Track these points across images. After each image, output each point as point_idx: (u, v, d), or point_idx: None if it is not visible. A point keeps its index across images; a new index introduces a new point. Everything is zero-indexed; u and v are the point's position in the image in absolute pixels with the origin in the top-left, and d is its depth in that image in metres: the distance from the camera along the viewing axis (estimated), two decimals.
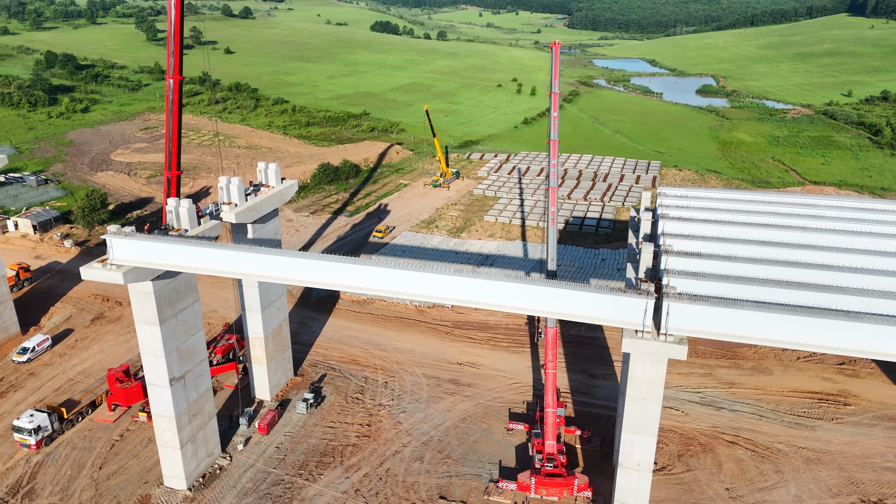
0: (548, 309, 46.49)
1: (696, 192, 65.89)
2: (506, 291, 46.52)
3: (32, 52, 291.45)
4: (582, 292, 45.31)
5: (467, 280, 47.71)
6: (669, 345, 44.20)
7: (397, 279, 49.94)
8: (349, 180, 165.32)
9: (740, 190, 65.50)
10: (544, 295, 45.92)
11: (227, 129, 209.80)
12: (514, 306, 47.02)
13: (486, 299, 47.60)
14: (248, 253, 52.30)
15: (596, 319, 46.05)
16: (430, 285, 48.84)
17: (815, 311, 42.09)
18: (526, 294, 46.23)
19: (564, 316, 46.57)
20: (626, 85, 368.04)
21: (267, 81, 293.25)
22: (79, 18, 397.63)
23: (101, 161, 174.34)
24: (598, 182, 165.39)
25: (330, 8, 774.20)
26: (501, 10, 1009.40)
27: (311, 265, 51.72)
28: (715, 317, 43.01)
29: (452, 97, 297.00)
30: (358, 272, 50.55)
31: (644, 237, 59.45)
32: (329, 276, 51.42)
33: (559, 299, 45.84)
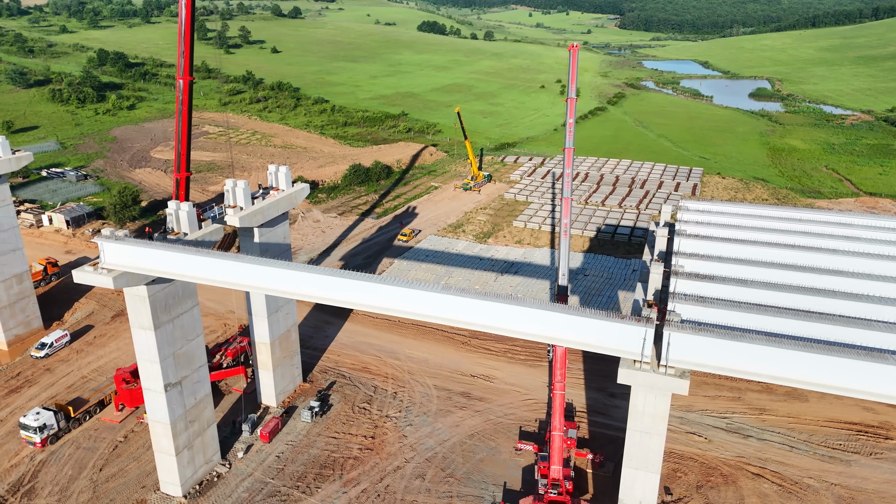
0: (537, 332, 43.18)
1: (721, 207, 61.25)
2: (490, 312, 43.45)
3: (87, 49, 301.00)
4: (575, 317, 41.85)
5: (452, 299, 44.78)
6: (669, 378, 40.35)
7: (378, 294, 47.31)
8: (380, 181, 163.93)
9: (770, 206, 60.60)
10: (533, 318, 42.66)
11: (264, 128, 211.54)
12: (501, 328, 43.90)
13: (471, 319, 44.61)
14: (235, 262, 50.59)
15: (591, 346, 42.53)
16: (413, 301, 46.05)
17: (835, 349, 37.61)
18: (512, 316, 43.06)
19: (555, 341, 43.18)
20: (675, 87, 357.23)
21: (310, 81, 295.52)
22: (134, 17, 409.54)
23: (141, 158, 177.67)
24: (634, 189, 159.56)
25: (380, 8, 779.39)
26: (552, 10, 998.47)
27: (297, 277, 49.64)
28: (720, 349, 39.00)
29: (493, 98, 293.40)
30: (340, 285, 48.17)
31: (659, 254, 55.37)
32: (315, 289, 49.21)
33: (549, 323, 42.50)
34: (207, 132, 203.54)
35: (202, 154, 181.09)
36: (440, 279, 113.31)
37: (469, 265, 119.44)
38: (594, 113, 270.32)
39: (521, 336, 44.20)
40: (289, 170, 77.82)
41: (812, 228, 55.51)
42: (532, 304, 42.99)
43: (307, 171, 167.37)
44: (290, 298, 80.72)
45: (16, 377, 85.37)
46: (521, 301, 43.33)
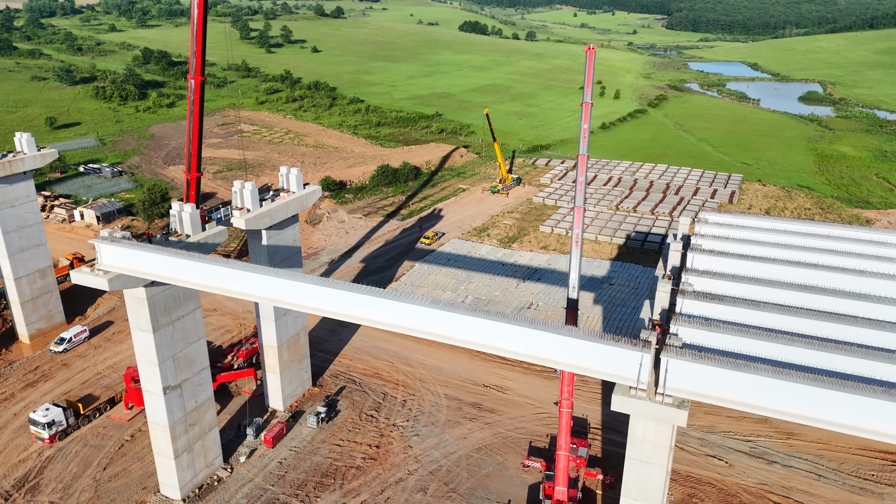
0: (526, 352, 40.67)
1: (743, 220, 57.45)
2: (478, 329, 41.11)
3: (133, 48, 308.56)
4: (566, 337, 39.19)
5: (438, 313, 42.57)
6: (667, 407, 37.35)
7: (359, 304, 45.35)
8: (408, 183, 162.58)
9: (797, 220, 56.50)
10: (522, 337, 40.18)
11: (298, 127, 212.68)
12: (489, 345, 41.53)
13: (457, 334, 42.33)
14: (225, 269, 49.38)
15: (584, 370, 39.82)
16: (398, 314, 43.98)
17: (850, 384, 34.08)
18: (501, 334, 40.64)
19: (546, 362, 40.61)
20: (720, 90, 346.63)
21: (347, 80, 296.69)
22: (181, 17, 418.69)
23: (176, 155, 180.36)
24: (668, 195, 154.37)
25: (423, 8, 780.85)
26: (597, 10, 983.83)
27: (285, 286, 48.09)
28: (722, 379, 35.87)
29: (530, 99, 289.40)
30: (328, 296, 46.37)
31: (672, 270, 52.11)
32: (305, 299, 47.60)
33: (539, 343, 39.96)
34: (242, 130, 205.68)
35: (235, 152, 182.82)
36: (459, 284, 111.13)
37: (491, 270, 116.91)
38: (633, 115, 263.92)
39: (511, 355, 41.74)
40: (300, 172, 76.78)
41: (840, 246, 51.38)
42: (521, 322, 40.50)
43: (336, 171, 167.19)
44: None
45: (33, 371, 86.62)
46: (509, 318, 40.88)
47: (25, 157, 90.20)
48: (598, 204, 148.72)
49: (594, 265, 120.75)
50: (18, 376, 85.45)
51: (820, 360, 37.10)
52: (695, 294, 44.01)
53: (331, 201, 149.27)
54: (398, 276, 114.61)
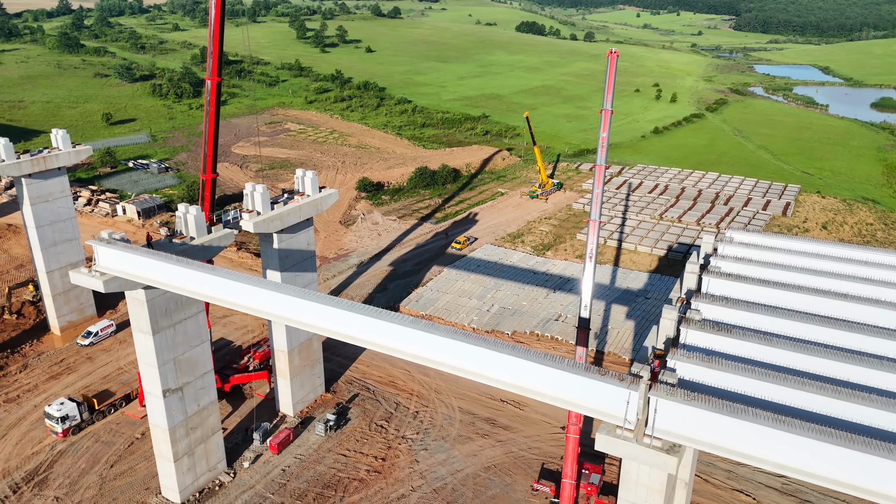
0: (506, 381, 37.60)
1: (772, 241, 52.53)
2: (454, 353, 38.33)
3: (193, 47, 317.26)
4: (548, 368, 35.97)
5: (412, 332, 39.96)
6: (655, 452, 33.65)
7: (328, 316, 43.15)
8: (446, 185, 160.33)
9: (837, 244, 51.22)
10: (501, 364, 37.17)
11: (343, 127, 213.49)
12: (467, 370, 38.64)
13: (432, 356, 39.65)
14: (214, 277, 48.07)
15: (569, 404, 36.50)
16: (371, 331, 41.59)
17: (864, 442, 29.68)
18: (480, 359, 37.72)
19: (528, 393, 37.47)
20: (786, 94, 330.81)
21: (397, 81, 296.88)
22: (241, 17, 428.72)
23: (222, 153, 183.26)
24: (717, 205, 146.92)
25: (482, 8, 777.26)
26: (661, 10, 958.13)
27: (273, 298, 46.31)
28: (715, 425, 31.98)
29: (581, 101, 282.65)
30: (308, 309, 44.33)
31: (687, 293, 47.97)
32: (288, 311, 45.76)
33: (518, 372, 36.87)
34: (288, 129, 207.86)
35: (278, 151, 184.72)
36: (486, 292, 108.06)
37: (521, 279, 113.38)
38: (689, 120, 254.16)
39: (491, 383, 38.76)
40: (315, 174, 75.42)
41: (879, 275, 46.06)
42: (502, 348, 37.47)
43: (375, 171, 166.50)
44: None
45: (59, 363, 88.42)
46: (490, 344, 37.90)
47: (60, 153, 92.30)
48: (642, 212, 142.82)
49: (630, 277, 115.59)
50: (44, 368, 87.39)
51: (836, 409, 32.72)
52: (701, 324, 39.96)
53: (367, 202, 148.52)
54: (425, 280, 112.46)
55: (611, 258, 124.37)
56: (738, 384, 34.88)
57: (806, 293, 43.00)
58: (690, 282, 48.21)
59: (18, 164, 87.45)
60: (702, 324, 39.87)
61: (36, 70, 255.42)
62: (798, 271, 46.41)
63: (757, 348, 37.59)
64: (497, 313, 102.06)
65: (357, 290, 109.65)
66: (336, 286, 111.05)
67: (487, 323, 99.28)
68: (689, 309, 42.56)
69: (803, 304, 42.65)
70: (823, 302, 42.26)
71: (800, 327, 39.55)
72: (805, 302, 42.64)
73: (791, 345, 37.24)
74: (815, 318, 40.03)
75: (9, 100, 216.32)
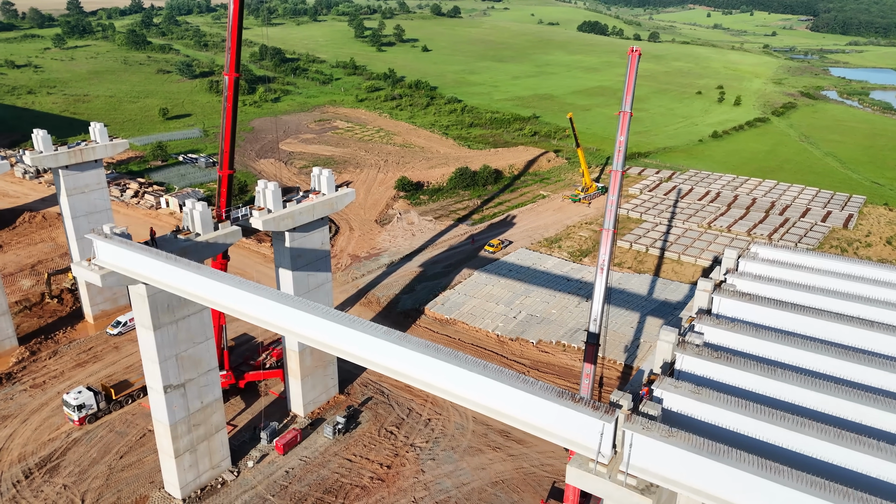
0: (476, 401, 34.81)
1: (805, 259, 47.62)
2: (424, 367, 35.85)
3: (253, 45, 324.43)
4: (517, 390, 33.01)
5: (378, 342, 37.71)
6: (628, 491, 30.22)
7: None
8: (486, 186, 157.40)
9: (882, 266, 46.08)
10: (468, 382, 34.44)
11: (390, 126, 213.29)
12: (438, 388, 36.09)
13: (397, 367, 37.28)
14: (203, 277, 47.08)
15: (541, 432, 33.43)
16: (335, 336, 39.63)
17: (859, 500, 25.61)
18: (450, 377, 35.10)
19: (498, 415, 34.55)
20: (861, 99, 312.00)
21: (450, 80, 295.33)
22: (304, 16, 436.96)
23: (269, 149, 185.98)
24: (771, 214, 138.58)
25: (546, 7, 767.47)
26: (734, 10, 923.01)
27: (256, 301, 44.89)
28: (693, 467, 28.37)
29: (639, 103, 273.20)
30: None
31: (699, 311, 44.00)
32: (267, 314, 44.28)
33: (486, 392, 34.05)
34: (336, 127, 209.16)
35: (324, 148, 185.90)
36: (515, 298, 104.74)
37: (553, 285, 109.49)
38: (752, 124, 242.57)
39: (461, 403, 36.08)
40: (331, 173, 74.21)
41: None
42: (471, 365, 34.73)
43: (416, 171, 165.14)
44: (328, 305, 77.22)
45: (86, 351, 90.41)
46: (460, 360, 35.20)
47: (97, 146, 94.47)
48: (689, 220, 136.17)
49: (670, 288, 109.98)
50: (72, 355, 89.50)
51: (838, 456, 28.56)
52: (699, 349, 36.12)
53: (404, 202, 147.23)
54: (453, 283, 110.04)
55: (651, 267, 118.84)
56: (730, 421, 31.07)
57: (827, 319, 38.42)
58: (702, 300, 44.16)
59: (55, 155, 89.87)
60: (699, 349, 36.03)
61: (103, 66, 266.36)
62: (824, 294, 41.69)
63: (758, 380, 33.57)
64: (524, 320, 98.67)
65: (384, 290, 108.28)
66: (364, 286, 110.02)
67: (512, 330, 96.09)
68: (690, 331, 38.72)
69: (823, 331, 38.13)
70: (846, 330, 37.62)
71: (813, 358, 35.19)
72: (825, 329, 38.11)
73: (798, 379, 33.03)
74: (832, 349, 35.53)
75: (75, 93, 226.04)
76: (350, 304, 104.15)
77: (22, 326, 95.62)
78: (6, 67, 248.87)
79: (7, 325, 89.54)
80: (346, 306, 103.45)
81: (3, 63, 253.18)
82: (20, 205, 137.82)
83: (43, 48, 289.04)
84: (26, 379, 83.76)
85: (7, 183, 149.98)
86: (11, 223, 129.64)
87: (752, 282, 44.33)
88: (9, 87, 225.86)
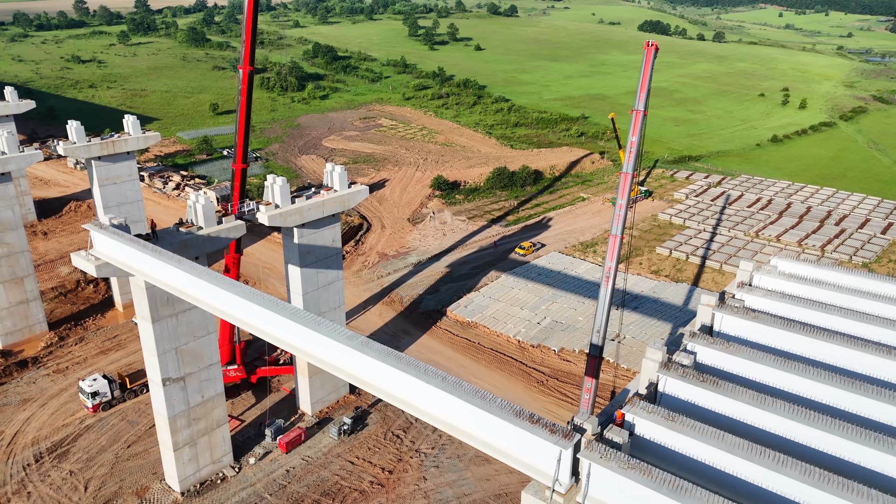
0: (434, 415, 32.37)
1: (829, 275, 43.01)
2: (377, 372, 33.65)
3: (308, 43, 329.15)
4: (470, 405, 30.40)
5: (335, 345, 35.70)
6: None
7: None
8: (525, 187, 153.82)
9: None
10: (424, 394, 32.04)
11: (433, 124, 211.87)
12: (392, 395, 33.84)
13: (354, 371, 35.20)
14: (187, 274, 46.25)
15: (497, 452, 30.76)
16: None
17: None
18: (404, 385, 32.81)
19: (456, 432, 31.98)
20: None
21: (500, 79, 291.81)
22: (360, 14, 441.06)
23: (312, 145, 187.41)
24: (826, 224, 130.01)
25: (608, 7, 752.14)
26: (807, 9, 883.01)
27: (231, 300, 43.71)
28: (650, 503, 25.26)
29: (695, 105, 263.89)
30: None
31: (701, 329, 40.38)
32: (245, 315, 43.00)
33: (444, 406, 31.59)
34: (380, 125, 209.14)
35: (366, 146, 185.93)
36: (541, 303, 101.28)
37: (583, 291, 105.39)
38: (816, 129, 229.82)
39: (422, 417, 33.71)
40: (344, 169, 72.87)
41: None
42: (430, 378, 32.32)
43: (454, 170, 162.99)
44: (336, 306, 76.21)
45: (111, 339, 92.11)
46: (419, 371, 32.82)
47: (128, 138, 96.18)
48: (735, 228, 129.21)
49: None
50: (98, 343, 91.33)
51: (821, 501, 24.88)
52: (683, 371, 32.61)
53: (439, 201, 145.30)
54: (479, 285, 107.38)
55: (690, 276, 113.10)
56: (704, 453, 27.65)
57: (839, 343, 34.19)
58: (704, 317, 40.42)
59: (88, 146, 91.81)
60: (684, 371, 32.54)
61: (163, 62, 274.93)
62: (841, 314, 37.32)
63: (746, 409, 29.90)
64: (547, 326, 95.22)
65: (408, 289, 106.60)
66: (388, 284, 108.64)
67: (534, 336, 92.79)
68: (680, 351, 35.23)
69: (832, 356, 33.97)
70: (858, 356, 33.36)
71: (813, 387, 31.22)
72: (834, 354, 33.93)
73: (791, 410, 29.19)
74: (836, 378, 31.43)
75: (133, 88, 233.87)
76: (373, 303, 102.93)
77: (55, 312, 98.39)
78: (73, 62, 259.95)
79: (38, 311, 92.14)
80: (368, 304, 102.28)
81: (69, 58, 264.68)
82: (68, 194, 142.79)
83: (108, 44, 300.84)
84: (51, 363, 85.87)
85: (59, 172, 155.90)
86: (59, 211, 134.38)
87: (763, 298, 40.21)
88: (73, 81, 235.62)
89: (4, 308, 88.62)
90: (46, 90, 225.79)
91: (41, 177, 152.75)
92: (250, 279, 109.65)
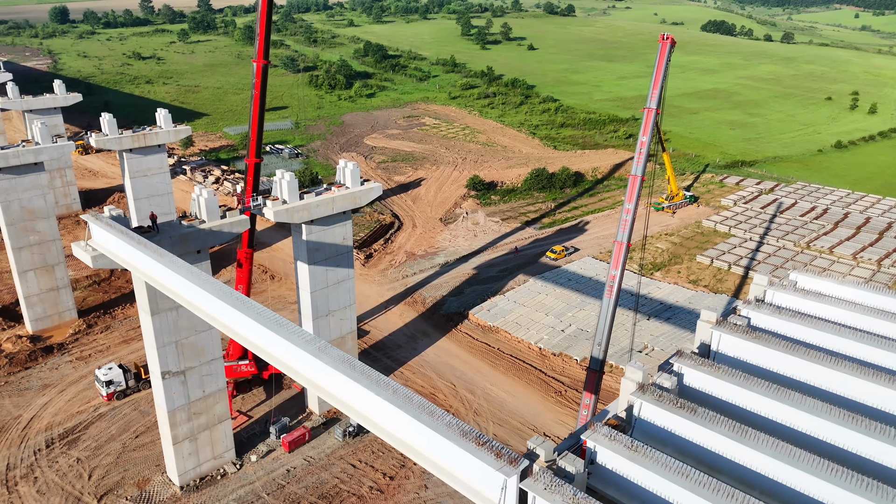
0: (386, 428, 30.00)
1: (849, 293, 38.64)
2: (332, 379, 31.55)
3: (360, 41, 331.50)
4: (417, 422, 27.91)
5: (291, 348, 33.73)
6: None
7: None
8: (564, 189, 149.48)
9: None
10: (377, 408, 29.72)
11: (477, 124, 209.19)
12: (349, 406, 31.64)
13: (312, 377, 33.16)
14: (171, 272, 45.38)
15: (444, 473, 28.15)
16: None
17: None
18: (355, 395, 30.57)
19: (406, 449, 29.54)
20: None
21: (550, 79, 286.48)
22: (414, 14, 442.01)
23: (353, 143, 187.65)
24: (886, 237, 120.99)
25: (671, 7, 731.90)
26: (887, 10, 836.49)
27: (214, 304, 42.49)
28: None
29: (755, 108, 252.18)
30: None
31: (700, 348, 36.83)
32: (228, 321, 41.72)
33: (395, 421, 29.19)
34: (423, 124, 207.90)
35: (406, 144, 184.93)
36: (568, 310, 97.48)
37: None
38: (886, 135, 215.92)
39: (371, 428, 31.39)
40: (356, 166, 71.37)
41: None
42: (382, 389, 29.99)
43: (492, 170, 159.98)
44: (347, 305, 74.74)
45: (135, 329, 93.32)
46: (371, 381, 30.52)
47: (160, 131, 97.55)
48: (784, 237, 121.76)
49: None
50: (122, 331, 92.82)
51: None
52: (658, 396, 29.24)
53: (473, 201, 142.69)
54: (505, 289, 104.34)
55: (731, 287, 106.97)
56: (667, 491, 24.41)
57: (845, 371, 30.12)
58: (704, 335, 36.82)
59: (119, 139, 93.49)
60: (660, 396, 29.17)
61: (218, 59, 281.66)
62: (855, 338, 33.09)
63: (724, 443, 26.42)
64: (572, 335, 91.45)
65: (432, 290, 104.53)
66: (412, 284, 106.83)
67: (557, 344, 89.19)
68: (665, 372, 31.82)
69: (835, 384, 29.96)
70: (865, 387, 29.25)
71: (807, 420, 27.39)
72: (838, 382, 29.90)
73: (775, 447, 25.55)
74: (835, 412, 27.48)
75: (188, 84, 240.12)
76: (395, 303, 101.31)
77: (87, 300, 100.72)
78: (133, 59, 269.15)
79: (68, 298, 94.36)
80: (389, 304, 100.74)
81: (131, 55, 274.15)
82: (114, 185, 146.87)
83: (169, 42, 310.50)
84: (75, 350, 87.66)
85: (108, 164, 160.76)
86: (103, 202, 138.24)
87: (771, 316, 36.21)
88: (131, 77, 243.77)
89: (35, 294, 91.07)
90: (106, 85, 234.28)
91: (90, 168, 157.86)
92: (277, 274, 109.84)
